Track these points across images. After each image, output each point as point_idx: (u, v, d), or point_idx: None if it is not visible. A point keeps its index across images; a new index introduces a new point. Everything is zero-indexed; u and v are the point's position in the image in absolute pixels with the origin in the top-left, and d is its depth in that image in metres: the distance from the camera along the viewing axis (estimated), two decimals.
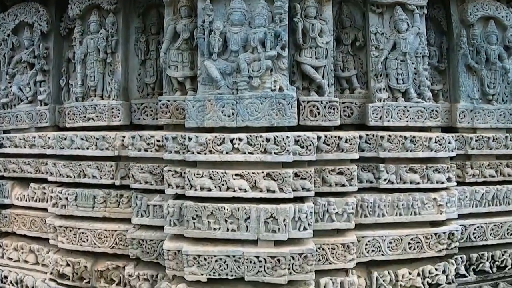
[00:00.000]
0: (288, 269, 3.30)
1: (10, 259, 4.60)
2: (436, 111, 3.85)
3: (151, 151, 3.70)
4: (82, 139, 3.96)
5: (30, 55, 4.53)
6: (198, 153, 3.39)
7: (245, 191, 3.34)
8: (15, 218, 4.56)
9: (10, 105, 4.72)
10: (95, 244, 3.94)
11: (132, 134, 3.74)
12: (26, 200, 4.50)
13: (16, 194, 4.57)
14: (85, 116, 4.04)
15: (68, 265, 4.05)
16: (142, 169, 3.73)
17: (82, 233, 3.95)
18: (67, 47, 4.56)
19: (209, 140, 3.37)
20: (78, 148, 3.97)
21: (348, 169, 3.58)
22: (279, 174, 3.32)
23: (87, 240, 3.95)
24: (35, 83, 4.55)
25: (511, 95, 4.42)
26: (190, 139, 3.40)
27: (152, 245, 3.69)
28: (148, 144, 3.70)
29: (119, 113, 3.96)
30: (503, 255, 4.25)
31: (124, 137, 3.86)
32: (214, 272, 3.33)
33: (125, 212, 3.89)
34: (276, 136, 3.32)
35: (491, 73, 4.34)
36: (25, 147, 4.46)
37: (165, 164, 3.61)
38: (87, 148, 3.95)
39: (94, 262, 4.02)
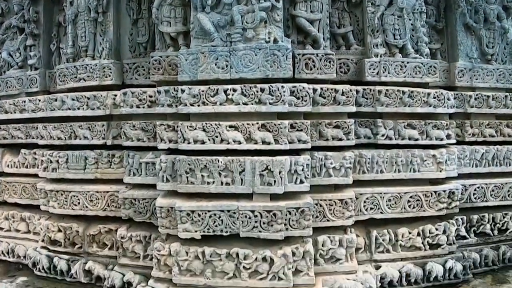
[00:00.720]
0: (285, 224, 3.21)
1: (1, 228, 4.51)
2: (434, 67, 3.76)
3: (143, 107, 3.63)
4: (73, 99, 3.89)
5: (20, 19, 4.45)
6: (191, 105, 3.31)
7: (240, 143, 3.25)
8: (5, 186, 4.46)
9: (0, 72, 4.62)
10: (86, 207, 3.85)
11: (124, 91, 3.66)
12: (16, 167, 4.41)
13: (7, 161, 4.48)
14: (76, 77, 3.94)
15: (59, 230, 3.95)
16: (134, 126, 3.65)
17: (74, 196, 3.86)
18: (57, 11, 4.48)
19: (203, 91, 3.29)
20: (69, 109, 3.90)
21: (345, 122, 3.50)
22: (274, 125, 3.24)
23: (79, 203, 3.86)
24: (25, 48, 4.47)
25: (510, 55, 4.37)
26: (183, 91, 3.32)
27: (145, 205, 3.61)
28: (140, 100, 3.63)
29: (111, 72, 3.87)
30: (504, 217, 4.17)
31: (115, 95, 3.78)
32: (208, 229, 3.24)
33: (117, 173, 3.81)
34: (271, 86, 3.24)
35: (490, 32, 4.28)
36: (15, 112, 4.38)
37: (158, 119, 3.52)
38: (78, 109, 3.88)
39: (86, 227, 3.92)
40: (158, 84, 3.65)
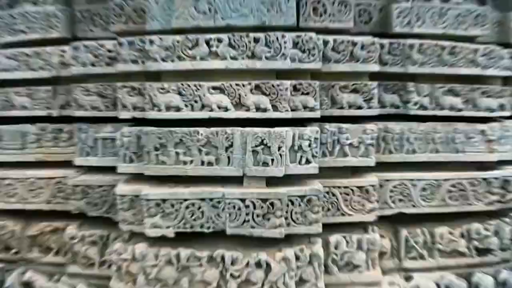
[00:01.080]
0: (286, 218, 3.21)
1: None
2: (483, 16, 3.78)
3: (100, 66, 3.64)
4: (9, 57, 3.91)
5: None
6: (163, 60, 3.30)
7: (226, 109, 3.25)
8: None
9: None
10: (25, 199, 3.86)
11: (75, 45, 3.67)
12: None
13: None
14: (12, 29, 3.96)
15: None
16: (88, 90, 3.67)
17: (9, 184, 3.87)
18: None
19: (178, 42, 3.28)
20: (4, 71, 3.92)
21: (365, 85, 3.49)
22: (272, 86, 3.23)
23: (16, 194, 3.86)
24: None
25: None
26: (152, 42, 3.32)
27: (102, 194, 3.61)
28: (96, 56, 3.64)
29: (58, 22, 3.88)
30: None
31: (64, 51, 3.79)
32: (184, 224, 3.23)
33: (66, 153, 3.82)
34: (268, 35, 3.24)
35: None
36: None
37: (119, 81, 3.51)
38: (15, 70, 3.89)
39: (25, 225, 3.93)
40: (120, 36, 3.63)
